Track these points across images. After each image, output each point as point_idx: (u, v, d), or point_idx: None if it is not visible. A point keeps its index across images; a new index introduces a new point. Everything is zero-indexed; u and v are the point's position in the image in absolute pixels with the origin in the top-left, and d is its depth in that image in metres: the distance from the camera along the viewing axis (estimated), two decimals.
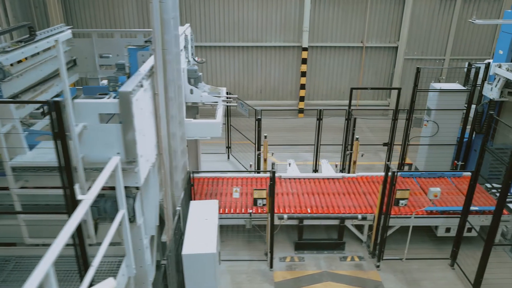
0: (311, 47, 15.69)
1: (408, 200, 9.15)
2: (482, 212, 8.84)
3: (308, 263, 8.61)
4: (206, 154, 13.04)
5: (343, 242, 8.94)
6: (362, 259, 8.71)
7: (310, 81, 16.22)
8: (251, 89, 16.42)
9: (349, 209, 8.87)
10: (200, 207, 7.31)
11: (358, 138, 10.20)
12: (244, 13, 15.18)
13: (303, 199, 9.23)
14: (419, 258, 8.60)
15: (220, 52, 15.78)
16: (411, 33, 15.34)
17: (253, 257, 8.69)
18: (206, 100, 8.22)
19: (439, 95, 10.81)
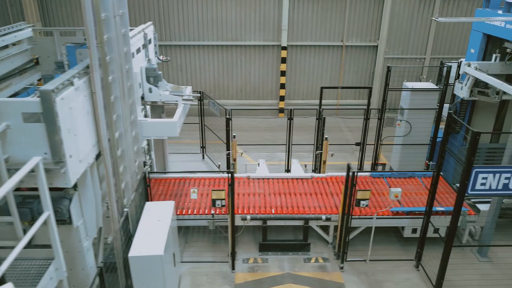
0: (291, 46, 15.56)
1: (376, 200, 9.11)
2: (448, 213, 8.71)
3: (272, 264, 8.48)
4: (180, 154, 12.95)
5: (308, 243, 8.81)
6: (326, 260, 8.59)
7: (291, 80, 16.09)
8: (231, 88, 16.28)
9: (314, 210, 8.74)
10: (155, 208, 7.19)
11: (327, 138, 10.07)
12: (222, 12, 15.05)
13: (269, 199, 9.10)
14: (383, 259, 8.47)
15: (198, 51, 15.64)
16: (391, 32, 15.21)
17: (216, 258, 8.56)
18: (166, 99, 8.09)
19: (411, 94, 10.69)
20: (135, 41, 7.48)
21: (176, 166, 12.31)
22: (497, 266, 8.46)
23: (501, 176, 6.59)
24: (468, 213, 8.72)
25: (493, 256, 8.73)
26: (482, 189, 6.69)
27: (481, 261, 8.62)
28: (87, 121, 5.25)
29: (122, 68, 6.19)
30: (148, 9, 15.00)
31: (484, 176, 6.59)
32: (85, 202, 5.43)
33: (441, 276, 7.45)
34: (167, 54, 15.66)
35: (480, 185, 6.66)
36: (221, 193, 7.53)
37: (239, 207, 8.81)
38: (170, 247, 6.73)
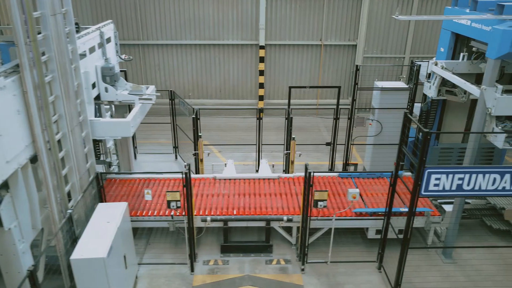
0: (269, 45, 15.44)
1: (341, 201, 8.97)
2: None
3: (232, 266, 8.35)
4: (152, 154, 12.83)
5: (270, 244, 8.69)
6: (288, 262, 8.47)
7: (270, 80, 15.97)
8: (210, 88, 16.15)
9: (276, 211, 8.62)
10: (106, 210, 7.06)
11: (294, 138, 9.94)
12: (199, 10, 14.92)
13: (232, 200, 8.98)
14: (344, 261, 8.35)
15: (176, 50, 15.51)
16: (369, 31, 15.10)
17: (177, 260, 8.44)
18: (123, 99, 7.96)
19: (381, 94, 10.58)
20: (88, 40, 7.34)
21: (148, 166, 12.20)
22: (461, 268, 8.34)
23: (454, 177, 6.47)
24: (432, 214, 8.60)
25: (458, 257, 8.61)
26: (436, 190, 6.58)
27: (445, 262, 8.50)
28: (17, 121, 5.11)
29: (65, 67, 6.06)
30: (125, 9, 14.86)
31: (437, 176, 6.47)
32: (19, 204, 5.31)
33: (398, 278, 7.34)
34: (145, 54, 15.56)
35: (433, 186, 6.54)
36: (175, 194, 7.40)
37: (200, 208, 8.68)
38: (119, 249, 6.60)
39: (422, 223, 8.63)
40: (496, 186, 6.54)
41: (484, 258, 8.52)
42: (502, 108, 7.06)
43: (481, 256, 8.56)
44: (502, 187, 6.55)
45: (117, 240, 6.53)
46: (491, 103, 7.09)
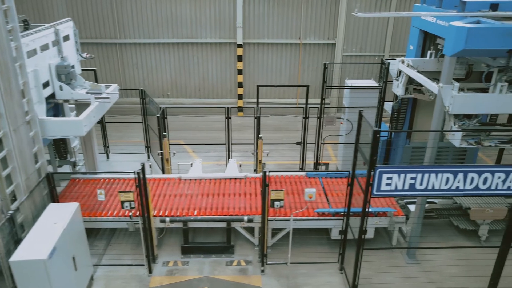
0: (248, 44, 15.31)
1: (306, 201, 8.84)
2: (376, 214, 8.48)
3: (192, 267, 8.23)
4: (125, 154, 12.70)
5: (232, 245, 8.56)
6: (249, 263, 8.34)
7: (249, 78, 15.84)
8: (189, 87, 16.02)
9: (238, 211, 8.49)
10: (56, 210, 6.93)
11: (261, 137, 9.82)
12: (176, 9, 14.79)
13: (195, 200, 8.85)
14: (305, 262, 8.22)
15: (154, 49, 15.38)
16: (348, 30, 14.96)
17: (136, 261, 8.31)
18: (78, 97, 7.84)
19: (350, 92, 10.45)
20: (39, 37, 7.21)
21: (119, 166, 12.06)
22: (423, 268, 8.21)
23: (406, 176, 6.34)
24: (396, 213, 8.47)
25: (422, 258, 8.49)
26: (388, 190, 6.45)
27: (408, 263, 8.38)
28: None
29: (7, 65, 5.93)
30: (101, 7, 14.73)
31: (388, 176, 6.34)
32: None
33: (355, 279, 7.21)
34: (122, 53, 15.43)
35: (385, 186, 6.41)
36: (129, 194, 7.27)
37: (161, 208, 8.56)
38: (65, 250, 6.47)
39: (386, 223, 8.50)
40: (449, 186, 6.41)
41: (448, 258, 8.39)
42: (459, 106, 6.92)
43: (445, 257, 8.43)
44: (455, 187, 6.42)
45: (63, 241, 6.40)
46: (448, 101, 6.95)
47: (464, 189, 6.45)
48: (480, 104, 6.96)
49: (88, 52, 15.33)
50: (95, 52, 15.37)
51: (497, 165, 6.72)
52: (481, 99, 6.94)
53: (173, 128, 14.23)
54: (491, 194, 6.70)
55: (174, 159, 11.07)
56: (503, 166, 6.34)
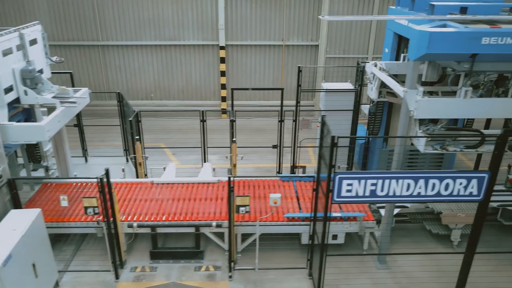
0: (231, 46, 15.24)
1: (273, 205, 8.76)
2: (346, 219, 8.41)
3: (160, 273, 8.16)
4: (103, 157, 12.62)
5: (201, 251, 8.49)
6: (218, 269, 8.27)
7: (233, 80, 15.77)
8: (173, 89, 15.95)
9: (207, 216, 8.41)
10: (17, 217, 6.85)
11: (235, 140, 9.75)
12: (158, 11, 14.71)
13: (165, 205, 8.77)
14: (273, 268, 8.16)
15: (137, 51, 15.31)
16: (331, 31, 14.89)
17: (104, 267, 8.23)
18: (43, 102, 7.77)
19: (326, 95, 10.39)
20: (1, 42, 7.13)
21: (98, 169, 11.94)
22: (393, 274, 8.15)
23: (366, 182, 6.27)
24: (366, 218, 8.40)
25: (393, 264, 8.42)
26: (349, 196, 6.37)
27: (378, 268, 8.31)
28: None
29: None
30: (83, 9, 14.65)
31: (348, 182, 6.27)
32: None
33: (319, 285, 7.14)
34: (105, 55, 15.36)
35: (346, 192, 6.34)
36: (92, 200, 7.20)
37: (130, 213, 8.49)
38: (23, 257, 6.39)
39: (357, 228, 8.43)
40: (411, 192, 6.34)
41: (419, 264, 8.32)
42: (423, 111, 6.86)
43: (416, 263, 8.36)
44: (417, 193, 6.35)
45: (21, 248, 6.32)
46: (413, 106, 6.89)
47: (426, 195, 6.38)
48: (445, 108, 6.90)
49: (68, 55, 15.35)
50: (78, 54, 15.32)
51: (458, 171, 6.63)
52: (446, 104, 6.89)
53: (154, 131, 14.26)
54: (452, 200, 6.63)
55: (149, 163, 11.01)
56: (464, 172, 6.27)
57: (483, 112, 6.97)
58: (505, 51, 6.37)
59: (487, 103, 6.88)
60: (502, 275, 8.05)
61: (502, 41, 6.35)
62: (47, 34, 8.66)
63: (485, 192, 6.36)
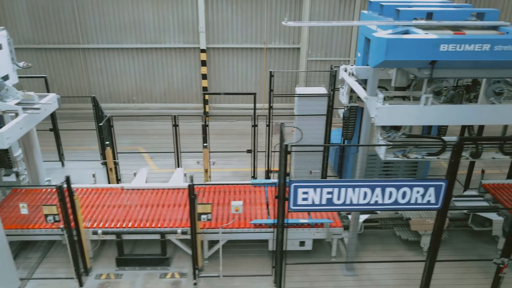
0: (212, 49, 15.18)
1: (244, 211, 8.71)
2: (314, 225, 8.34)
3: (124, 280, 8.10)
4: (80, 162, 12.55)
5: (167, 257, 8.43)
6: (184, 276, 8.21)
7: (215, 83, 15.71)
8: (155, 91, 15.89)
9: (174, 223, 8.35)
10: None
11: (206, 145, 9.69)
12: (139, 14, 14.65)
13: (133, 211, 8.71)
14: (239, 275, 8.10)
15: (118, 54, 15.25)
16: (312, 34, 14.84)
17: (69, 274, 8.17)
18: (5, 109, 7.70)
19: (299, 100, 10.32)
20: None
21: (74, 174, 11.85)
22: (359, 282, 8.09)
23: (322, 191, 6.21)
24: (333, 225, 8.34)
25: (361, 271, 8.35)
26: (305, 204, 6.31)
27: (345, 275, 8.25)
28: None
29: None
30: (63, 13, 14.59)
31: (304, 190, 6.21)
32: None
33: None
34: (86, 58, 15.31)
35: (302, 200, 6.28)
36: (52, 208, 7.14)
37: (96, 220, 8.43)
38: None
39: (324, 235, 8.37)
40: (368, 200, 6.28)
41: (388, 272, 8.25)
42: (383, 118, 6.79)
43: (384, 270, 8.29)
44: (374, 201, 6.29)
45: None
46: (374, 112, 6.82)
47: (383, 204, 6.32)
48: (406, 115, 6.83)
49: (49, 59, 15.30)
50: (59, 58, 15.26)
51: (415, 179, 6.58)
52: (407, 111, 6.81)
53: (134, 135, 14.20)
54: (411, 209, 6.60)
55: (127, 167, 10.95)
56: (421, 180, 6.22)
57: (445, 119, 6.91)
58: (464, 58, 6.31)
59: (447, 110, 6.81)
60: (470, 283, 7.99)
61: (460, 48, 6.28)
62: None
63: (443, 200, 6.31)
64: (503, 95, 6.93)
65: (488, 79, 6.93)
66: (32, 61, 15.18)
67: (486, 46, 6.27)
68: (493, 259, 6.89)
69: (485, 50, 6.29)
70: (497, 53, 6.32)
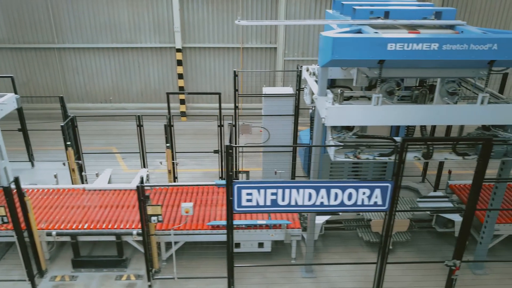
0: (189, 48, 15.08)
1: (204, 213, 8.61)
2: (272, 226, 8.25)
3: (79, 282, 8.00)
4: (51, 162, 12.44)
5: (124, 259, 8.32)
6: (140, 277, 8.11)
7: (192, 83, 15.62)
8: (132, 91, 15.79)
9: (130, 224, 8.25)
10: None
11: (169, 146, 9.59)
12: (114, 13, 14.55)
13: (91, 213, 8.60)
14: (194, 277, 7.99)
15: (94, 54, 15.14)
16: (288, 33, 14.74)
17: (24, 276, 8.06)
18: None
19: (266, 100, 10.23)
20: None
21: (44, 174, 11.82)
22: (317, 285, 7.99)
23: (266, 192, 6.13)
24: (291, 226, 8.24)
25: (320, 273, 8.25)
26: (250, 206, 6.23)
27: (303, 277, 8.15)
28: None
29: None
30: (38, 12, 14.47)
31: (248, 192, 6.12)
32: None
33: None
34: (61, 58, 15.20)
35: (246, 202, 6.20)
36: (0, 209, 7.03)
37: (52, 221, 8.32)
38: None
39: (282, 236, 8.27)
40: (313, 202, 6.21)
41: (347, 274, 8.15)
42: (333, 118, 6.67)
43: (344, 272, 8.19)
44: (320, 202, 6.21)
45: None
46: (324, 113, 6.72)
47: (329, 205, 6.24)
48: (356, 116, 6.71)
49: (24, 58, 15.19)
50: (34, 58, 15.15)
51: (360, 180, 6.50)
52: (357, 111, 6.71)
53: (108, 135, 14.10)
54: (359, 210, 6.50)
55: (97, 168, 10.82)
56: (366, 182, 6.14)
57: (396, 120, 6.81)
58: (412, 57, 6.21)
59: (398, 110, 6.71)
60: (429, 285, 7.90)
61: (408, 47, 6.18)
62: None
63: (390, 202, 6.22)
64: (457, 95, 6.84)
65: (442, 79, 6.84)
66: (8, 60, 15.13)
67: (434, 45, 6.18)
68: (445, 261, 6.80)
69: (434, 49, 6.20)
70: (445, 52, 6.22)
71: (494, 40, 6.19)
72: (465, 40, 6.17)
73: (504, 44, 6.19)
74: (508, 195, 9.28)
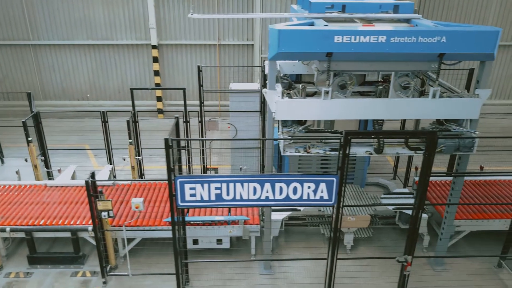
0: (165, 45, 14.99)
1: (162, 209, 8.53)
2: (231, 223, 8.16)
3: (33, 279, 7.91)
4: (20, 159, 12.33)
5: (80, 255, 8.24)
6: (95, 274, 8.02)
7: (169, 80, 15.53)
8: (109, 89, 15.69)
9: (87, 220, 8.15)
10: None
11: (131, 142, 9.51)
12: (89, 10, 14.43)
13: (49, 209, 8.50)
14: (149, 273, 7.91)
15: (69, 51, 15.03)
16: (265, 30, 14.64)
17: None
18: None
19: (232, 96, 10.14)
20: None
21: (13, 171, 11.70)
22: (273, 281, 7.91)
23: (210, 186, 6.04)
24: (249, 222, 8.16)
25: (278, 270, 8.18)
26: (194, 201, 6.14)
27: (261, 273, 8.07)
28: None
29: None
30: (12, 8, 14.36)
31: (191, 186, 6.03)
32: None
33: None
34: (37, 55, 15.09)
35: (190, 196, 6.11)
36: None
37: (8, 218, 8.21)
38: None
39: (240, 232, 8.19)
40: (258, 196, 6.12)
41: (306, 270, 8.07)
42: (283, 112, 6.60)
43: (302, 268, 8.12)
44: (265, 197, 6.13)
45: None
46: (273, 107, 6.64)
47: (274, 199, 6.16)
48: (305, 110, 6.64)
49: (0, 54, 15.07)
50: (9, 54, 15.04)
51: (305, 174, 6.41)
52: (306, 105, 6.63)
53: (83, 131, 14.03)
54: (305, 205, 6.42)
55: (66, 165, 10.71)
56: (311, 176, 6.06)
57: (347, 114, 6.72)
58: (360, 50, 6.14)
59: (349, 104, 6.64)
60: (386, 281, 7.82)
61: (355, 40, 6.11)
62: None
63: (336, 196, 6.14)
64: (409, 89, 6.77)
65: (395, 73, 6.76)
66: None
67: (382, 38, 6.11)
68: (396, 256, 6.73)
69: (381, 42, 6.13)
70: (393, 45, 6.16)
71: (442, 32, 6.12)
72: (413, 32, 6.10)
73: (452, 37, 6.13)
74: (475, 191, 9.19)
